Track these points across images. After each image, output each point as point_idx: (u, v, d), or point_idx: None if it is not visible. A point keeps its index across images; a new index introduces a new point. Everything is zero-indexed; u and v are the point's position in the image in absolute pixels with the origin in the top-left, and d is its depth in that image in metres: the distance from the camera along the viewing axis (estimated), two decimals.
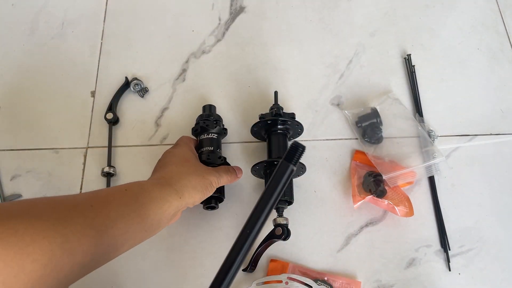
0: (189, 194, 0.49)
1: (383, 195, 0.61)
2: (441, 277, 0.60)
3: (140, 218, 0.42)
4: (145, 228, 0.44)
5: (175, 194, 0.47)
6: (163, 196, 0.46)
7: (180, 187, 0.48)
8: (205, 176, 0.52)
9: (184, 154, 0.55)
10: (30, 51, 0.76)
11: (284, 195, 0.58)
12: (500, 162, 0.67)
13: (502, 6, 0.80)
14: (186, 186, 0.49)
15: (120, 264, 0.60)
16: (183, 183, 0.49)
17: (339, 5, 0.80)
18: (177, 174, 0.50)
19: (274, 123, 0.62)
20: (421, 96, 0.72)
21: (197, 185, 0.50)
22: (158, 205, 0.45)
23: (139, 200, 0.43)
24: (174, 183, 0.48)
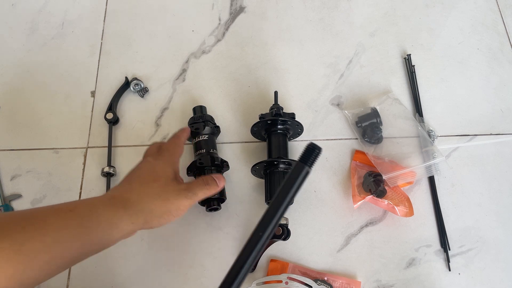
0: (144, 220, 0.44)
1: (383, 195, 0.61)
2: (441, 277, 0.60)
3: (81, 243, 0.39)
4: (87, 252, 0.40)
5: (127, 219, 0.43)
6: (113, 221, 0.42)
7: (136, 212, 0.44)
8: (171, 200, 0.46)
9: (157, 171, 0.49)
10: (30, 51, 0.76)
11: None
12: (500, 162, 0.67)
13: (502, 6, 0.81)
14: (143, 211, 0.44)
15: (120, 264, 0.60)
16: (140, 207, 0.44)
17: (339, 5, 0.80)
18: (137, 194, 0.45)
19: (274, 123, 0.62)
20: (421, 96, 0.72)
21: (157, 210, 0.45)
22: (105, 230, 0.41)
23: (83, 224, 0.40)
24: (130, 206, 0.44)
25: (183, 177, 0.64)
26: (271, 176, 0.60)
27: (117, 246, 0.61)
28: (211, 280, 0.59)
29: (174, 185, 0.48)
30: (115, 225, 0.42)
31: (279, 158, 0.60)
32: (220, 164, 0.62)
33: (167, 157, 0.51)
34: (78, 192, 0.65)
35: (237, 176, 0.66)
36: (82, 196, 0.65)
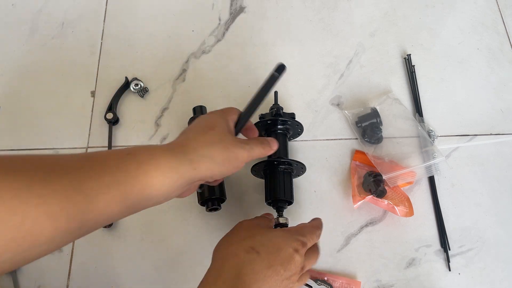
0: (206, 167, 0.42)
1: (383, 195, 0.61)
2: (441, 277, 0.60)
3: (141, 186, 0.37)
4: (148, 198, 0.39)
5: (188, 164, 0.41)
6: (173, 166, 0.40)
7: (197, 157, 0.42)
8: (230, 149, 0.44)
9: (213, 121, 0.47)
10: (30, 51, 0.76)
11: (285, 195, 0.58)
12: (500, 162, 0.67)
13: (502, 6, 0.81)
14: (204, 156, 0.42)
15: (120, 264, 0.60)
16: (200, 153, 0.42)
17: (339, 5, 0.80)
18: (195, 142, 0.43)
19: (274, 123, 0.62)
20: (421, 96, 0.72)
21: (217, 157, 0.43)
22: (166, 174, 0.39)
23: (142, 166, 0.38)
24: (189, 152, 0.42)
25: None
26: (271, 176, 0.60)
27: (117, 245, 0.61)
28: None
29: (230, 135, 0.46)
30: (175, 169, 0.40)
31: (279, 158, 0.59)
32: None
33: (221, 111, 0.50)
34: None
35: (237, 176, 0.66)
36: None
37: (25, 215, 0.29)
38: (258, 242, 0.45)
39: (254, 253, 0.43)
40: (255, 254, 0.43)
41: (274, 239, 0.45)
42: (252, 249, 0.44)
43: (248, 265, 0.42)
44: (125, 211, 0.37)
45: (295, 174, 0.62)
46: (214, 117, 0.48)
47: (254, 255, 0.43)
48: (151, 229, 0.63)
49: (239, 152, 0.45)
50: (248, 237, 0.46)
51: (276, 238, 0.46)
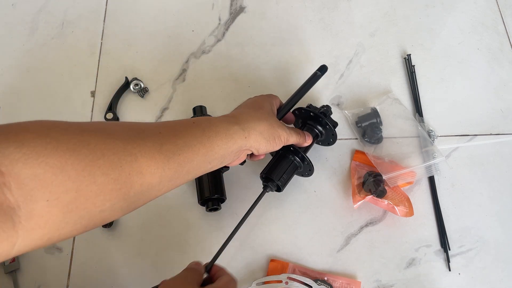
0: (255, 138, 0.48)
1: (383, 195, 0.61)
2: (441, 277, 0.60)
3: (205, 150, 0.43)
4: (209, 160, 0.44)
5: (241, 132, 0.47)
6: (229, 133, 0.46)
7: (247, 128, 0.48)
8: (275, 127, 0.51)
9: (261, 102, 0.54)
10: (30, 51, 0.76)
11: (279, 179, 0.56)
12: (500, 162, 0.67)
13: (502, 6, 0.81)
14: (254, 128, 0.48)
15: (120, 264, 0.60)
16: (251, 125, 0.48)
17: (339, 5, 0.80)
18: (247, 115, 0.50)
19: (314, 119, 0.60)
20: (421, 96, 0.72)
21: (264, 132, 0.49)
22: (224, 140, 0.45)
23: (205, 133, 0.44)
24: (242, 123, 0.48)
25: None
26: (279, 158, 0.58)
27: (117, 245, 0.61)
28: None
29: (275, 117, 0.54)
30: (230, 136, 0.45)
31: (299, 148, 0.58)
32: None
33: (267, 95, 0.57)
34: None
35: (237, 176, 0.66)
36: None
37: (121, 169, 0.35)
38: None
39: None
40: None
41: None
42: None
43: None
44: (191, 172, 0.43)
45: (301, 172, 0.61)
46: (262, 99, 0.55)
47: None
48: (151, 229, 0.63)
49: (281, 132, 0.51)
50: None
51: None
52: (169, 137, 0.41)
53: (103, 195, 0.33)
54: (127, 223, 0.63)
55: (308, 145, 0.58)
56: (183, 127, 0.43)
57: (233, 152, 0.47)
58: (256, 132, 0.48)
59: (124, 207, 0.36)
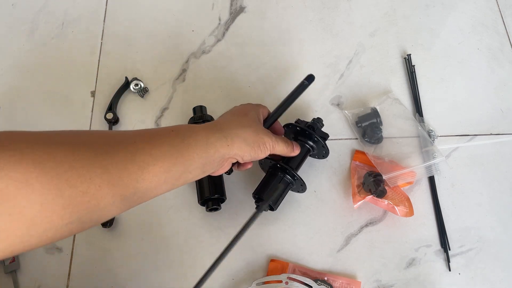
0: (238, 145, 0.47)
1: (383, 195, 0.61)
2: (441, 277, 0.60)
3: (184, 159, 0.42)
4: (189, 170, 0.43)
5: (223, 140, 0.45)
6: (210, 141, 0.44)
7: (230, 135, 0.46)
8: (260, 135, 0.49)
9: (247, 109, 0.53)
10: (30, 51, 0.76)
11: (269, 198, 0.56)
12: (500, 162, 0.67)
13: (502, 6, 0.80)
14: (237, 135, 0.47)
15: (120, 264, 0.60)
16: (234, 132, 0.47)
17: (339, 5, 0.80)
18: (230, 122, 0.49)
19: (302, 133, 0.60)
20: (421, 96, 0.72)
21: (248, 138, 0.48)
22: (203, 148, 0.43)
23: (185, 141, 0.42)
24: (225, 130, 0.46)
25: None
26: (271, 176, 0.59)
27: (117, 245, 0.61)
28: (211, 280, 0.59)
29: (260, 124, 0.52)
30: (211, 144, 0.44)
31: (290, 167, 0.58)
32: None
33: (254, 104, 0.56)
34: None
35: (237, 176, 0.66)
36: None
37: (91, 181, 0.34)
38: None
39: None
40: None
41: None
42: None
43: None
44: (169, 181, 0.41)
45: (294, 188, 0.61)
46: (248, 106, 0.54)
47: None
48: (151, 229, 0.63)
49: (267, 139, 0.50)
50: None
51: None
52: (144, 146, 0.39)
53: (71, 208, 0.32)
54: (127, 223, 0.63)
55: (295, 155, 0.56)
56: (161, 136, 0.42)
57: (215, 161, 0.45)
58: (239, 139, 0.47)
59: (94, 219, 0.35)
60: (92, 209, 0.34)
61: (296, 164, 0.59)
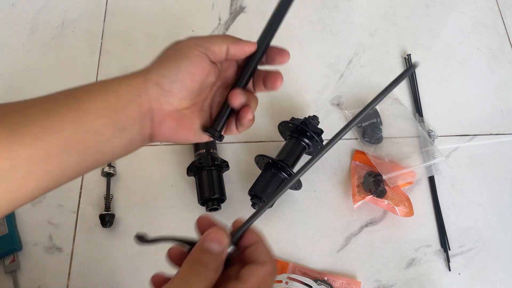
0: (156, 70, 0.35)
1: (383, 195, 0.61)
2: (441, 277, 0.60)
3: (74, 114, 0.31)
4: (94, 129, 0.32)
5: (133, 81, 0.34)
6: (111, 88, 0.34)
7: (147, 73, 0.35)
8: (190, 45, 0.38)
9: (186, 49, 0.39)
10: (30, 51, 0.76)
11: (262, 195, 0.57)
12: (500, 162, 0.67)
13: (502, 6, 0.80)
14: (156, 67, 0.36)
15: (121, 264, 0.60)
16: (153, 70, 0.36)
17: (339, 5, 0.80)
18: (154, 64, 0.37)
19: (297, 131, 0.61)
20: (421, 96, 0.72)
21: (169, 56, 0.37)
22: (102, 97, 0.33)
23: (73, 94, 0.33)
24: (142, 73, 0.35)
25: (182, 179, 0.64)
26: (266, 172, 0.59)
27: (117, 245, 0.61)
28: None
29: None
30: (113, 91, 0.34)
31: (286, 165, 0.58)
32: (220, 164, 0.62)
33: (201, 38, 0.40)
34: (78, 192, 0.65)
35: (237, 176, 0.66)
36: (82, 197, 0.65)
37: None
38: None
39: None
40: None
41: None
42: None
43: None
44: (70, 149, 0.31)
45: (292, 187, 0.61)
46: (190, 43, 0.39)
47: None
48: (151, 229, 0.63)
49: (208, 46, 0.37)
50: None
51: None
52: (18, 106, 0.31)
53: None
54: (127, 223, 0.63)
55: (250, 50, 0.42)
56: (47, 96, 0.33)
57: (129, 114, 0.33)
58: (156, 64, 0.36)
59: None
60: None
61: (292, 161, 0.60)
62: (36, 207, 0.64)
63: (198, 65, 0.36)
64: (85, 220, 0.63)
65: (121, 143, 0.34)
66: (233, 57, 0.39)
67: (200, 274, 0.29)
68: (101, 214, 0.61)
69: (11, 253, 0.59)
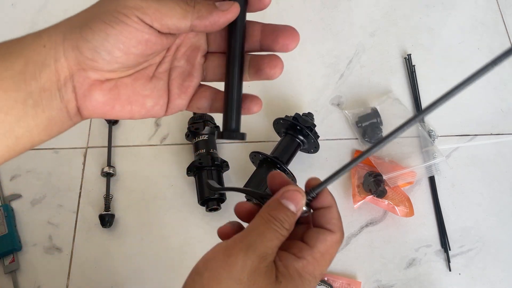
0: (79, 28, 0.26)
1: (383, 195, 0.61)
2: (441, 277, 0.60)
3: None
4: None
5: (53, 31, 0.27)
6: (17, 45, 0.28)
7: (67, 23, 0.27)
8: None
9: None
10: None
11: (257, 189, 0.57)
12: (500, 162, 0.67)
13: (502, 6, 0.80)
14: (80, 23, 0.26)
15: (120, 264, 0.60)
16: (77, 18, 0.27)
17: (339, 5, 0.80)
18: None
19: (293, 129, 0.62)
20: (421, 96, 0.71)
21: (100, 11, 0.26)
22: (5, 63, 0.27)
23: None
24: (64, 26, 0.27)
25: (182, 179, 0.64)
26: (261, 169, 0.60)
27: (117, 245, 0.61)
28: None
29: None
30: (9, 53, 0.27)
31: (281, 161, 0.59)
32: (220, 164, 0.62)
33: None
34: (78, 192, 0.65)
35: (237, 176, 0.65)
36: (82, 197, 0.65)
37: None
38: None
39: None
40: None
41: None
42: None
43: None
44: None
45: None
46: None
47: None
48: (151, 229, 0.62)
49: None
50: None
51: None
52: None
53: None
54: (127, 223, 0.63)
55: (228, 20, 0.29)
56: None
57: (43, 84, 0.26)
58: (79, 35, 0.26)
59: None
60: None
61: (286, 158, 0.60)
62: (36, 207, 0.64)
63: (135, 36, 0.26)
64: (84, 220, 0.63)
65: (37, 123, 0.26)
66: (202, 31, 0.29)
67: (276, 231, 0.28)
68: (101, 214, 0.61)
69: (10, 253, 0.59)
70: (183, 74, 0.32)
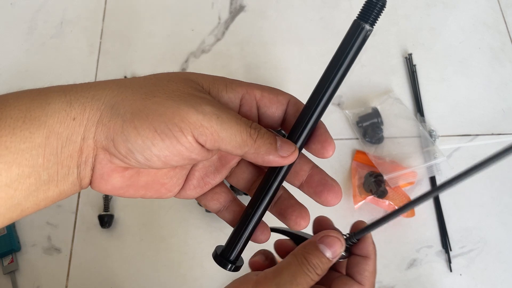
0: (118, 119, 0.23)
1: (384, 196, 0.60)
2: (442, 278, 0.59)
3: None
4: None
5: (65, 106, 0.25)
6: (41, 109, 0.24)
7: (81, 97, 0.25)
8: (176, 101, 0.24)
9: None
10: (29, 50, 0.76)
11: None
12: (501, 162, 0.67)
13: (504, 6, 0.80)
14: (96, 98, 0.25)
15: (120, 265, 0.60)
16: (90, 94, 0.25)
17: (340, 4, 0.80)
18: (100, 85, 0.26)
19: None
20: (422, 95, 0.71)
21: (146, 105, 0.23)
22: (24, 132, 0.22)
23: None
24: (74, 92, 0.25)
25: None
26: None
27: (117, 246, 0.61)
28: (211, 281, 0.59)
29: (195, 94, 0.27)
30: (35, 118, 0.23)
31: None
32: None
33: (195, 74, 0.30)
34: (77, 193, 0.65)
35: None
36: (81, 197, 0.64)
37: None
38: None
39: None
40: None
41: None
42: None
43: None
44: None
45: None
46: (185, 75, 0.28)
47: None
48: (151, 229, 0.62)
49: (189, 111, 0.23)
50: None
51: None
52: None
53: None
54: (126, 223, 0.63)
55: (287, 160, 0.28)
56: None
57: (63, 159, 0.23)
58: (116, 128, 0.23)
59: None
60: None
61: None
62: None
63: (182, 153, 0.24)
64: (84, 220, 0.63)
65: (47, 196, 0.24)
66: (251, 161, 0.27)
67: (307, 275, 0.28)
68: (100, 215, 0.61)
69: (9, 254, 0.59)
70: (210, 168, 0.29)
